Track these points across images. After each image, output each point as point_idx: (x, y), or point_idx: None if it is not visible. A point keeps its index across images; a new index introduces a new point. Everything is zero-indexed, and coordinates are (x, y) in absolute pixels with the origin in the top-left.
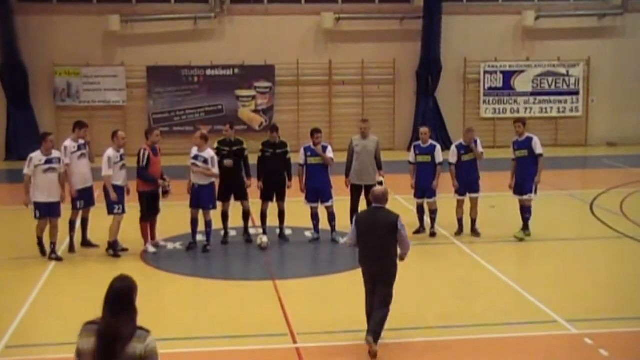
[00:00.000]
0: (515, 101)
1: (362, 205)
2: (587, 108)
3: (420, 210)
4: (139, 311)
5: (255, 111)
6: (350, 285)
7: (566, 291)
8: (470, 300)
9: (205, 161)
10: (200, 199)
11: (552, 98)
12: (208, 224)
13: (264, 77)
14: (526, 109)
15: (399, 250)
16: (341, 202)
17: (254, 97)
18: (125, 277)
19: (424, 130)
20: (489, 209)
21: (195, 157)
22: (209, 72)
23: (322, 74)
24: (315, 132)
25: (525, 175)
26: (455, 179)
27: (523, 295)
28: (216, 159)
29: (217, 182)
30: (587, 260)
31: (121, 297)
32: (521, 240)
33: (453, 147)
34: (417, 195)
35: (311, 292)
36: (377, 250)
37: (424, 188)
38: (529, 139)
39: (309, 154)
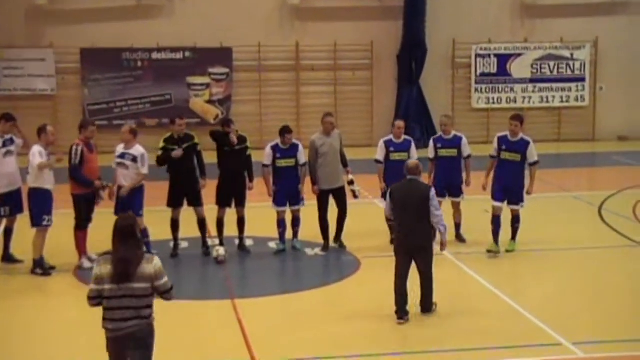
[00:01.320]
0: (512, 89)
1: (333, 213)
2: (595, 97)
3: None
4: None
5: (210, 102)
6: (319, 305)
7: (571, 309)
8: (463, 321)
9: (134, 159)
10: (130, 203)
11: (555, 85)
12: (144, 233)
13: (220, 62)
14: (524, 98)
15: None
16: (312, 207)
17: (208, 86)
18: (127, 216)
19: (399, 124)
20: (481, 214)
21: (122, 156)
22: (155, 55)
23: (288, 58)
24: (285, 132)
25: (515, 182)
26: (432, 177)
27: (521, 314)
28: (147, 157)
29: (162, 184)
30: (594, 272)
31: (126, 231)
32: (512, 251)
33: (430, 141)
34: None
35: (276, 312)
36: (413, 223)
37: None
38: (525, 143)
39: (278, 155)
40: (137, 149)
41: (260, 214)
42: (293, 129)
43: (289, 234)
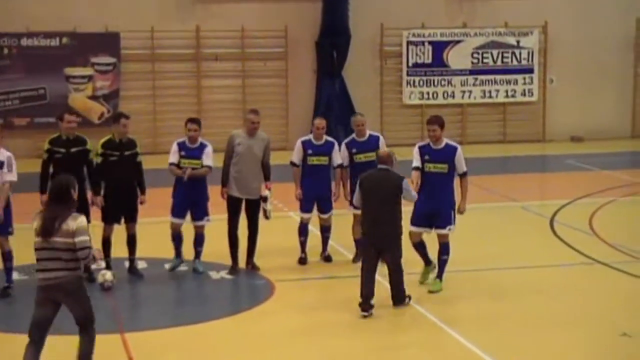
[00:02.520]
0: (450, 82)
1: (244, 224)
2: (545, 91)
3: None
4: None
5: (94, 97)
6: (225, 338)
7: (514, 338)
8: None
9: (1, 165)
10: None
11: (498, 77)
12: (7, 256)
13: (105, 49)
14: (464, 92)
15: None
16: (218, 222)
17: (90, 78)
18: (64, 176)
19: (318, 122)
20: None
21: None
22: (25, 42)
23: (187, 45)
24: (191, 121)
25: (441, 200)
26: (345, 185)
27: (457, 342)
28: (14, 161)
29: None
30: (543, 295)
31: (58, 191)
32: (437, 291)
33: (342, 145)
34: (304, 209)
35: (173, 348)
36: (381, 214)
37: (318, 198)
38: (451, 149)
39: (183, 153)
40: (3, 153)
41: (154, 231)
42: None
43: (189, 253)
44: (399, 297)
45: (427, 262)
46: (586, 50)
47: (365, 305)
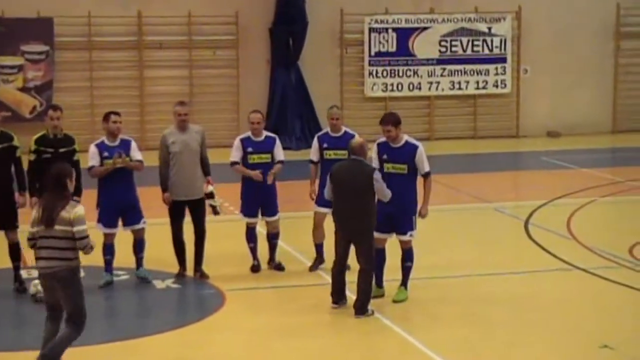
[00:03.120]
0: (416, 73)
1: (190, 230)
2: (519, 82)
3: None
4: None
5: (25, 89)
6: (171, 354)
7: (486, 354)
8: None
9: None
10: None
11: (468, 68)
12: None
13: (37, 37)
14: (431, 84)
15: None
16: (160, 226)
17: (21, 68)
18: (60, 166)
19: (253, 117)
20: None
21: None
22: None
23: (128, 32)
24: (110, 114)
25: (401, 203)
26: (314, 183)
27: (425, 354)
28: None
29: None
30: (518, 304)
31: (55, 179)
32: (402, 301)
33: (315, 139)
34: (247, 213)
35: None
36: (353, 207)
37: (262, 200)
38: (411, 148)
39: (105, 153)
40: None
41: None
42: (135, 125)
43: (128, 262)
44: (362, 306)
45: (379, 282)
46: (563, 38)
47: (336, 297)
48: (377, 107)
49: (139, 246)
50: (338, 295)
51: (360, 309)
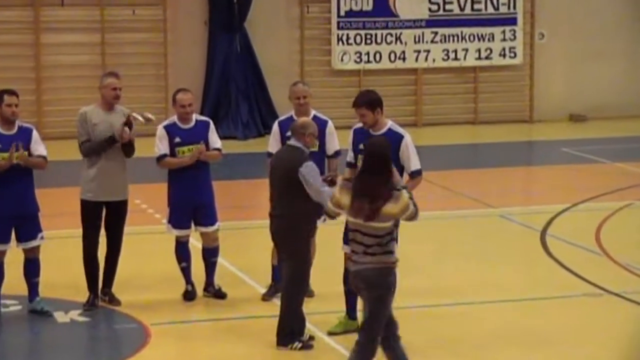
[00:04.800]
0: (399, 38)
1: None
2: (533, 51)
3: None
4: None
5: None
6: None
7: None
8: None
9: None
10: None
11: (467, 32)
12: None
13: None
14: (418, 53)
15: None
16: (61, 240)
17: None
18: (380, 142)
19: (182, 97)
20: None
21: None
22: None
23: None
24: (4, 94)
25: None
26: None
27: None
28: None
29: None
30: (534, 345)
31: (376, 157)
32: (340, 333)
33: (275, 126)
34: (177, 224)
35: None
36: (276, 202)
37: (196, 205)
38: (395, 138)
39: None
40: None
41: None
42: (30, 106)
43: (19, 288)
44: (282, 334)
45: (352, 313)
46: None
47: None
48: (349, 83)
49: (32, 268)
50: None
51: (282, 338)
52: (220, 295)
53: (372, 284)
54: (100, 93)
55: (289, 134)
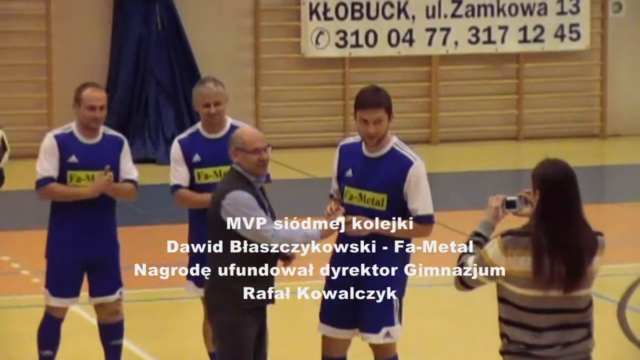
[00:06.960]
0: (403, 10)
1: None
2: (605, 30)
3: None
4: None
5: None
6: None
7: None
8: None
9: None
10: None
11: (507, 3)
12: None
13: None
14: (433, 32)
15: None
16: None
17: None
18: (561, 164)
19: (92, 95)
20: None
21: None
22: None
23: None
24: None
25: (370, 270)
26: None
27: None
28: None
29: None
30: None
31: (564, 187)
32: None
33: (175, 146)
34: (56, 290)
35: None
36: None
37: (89, 262)
38: (402, 163)
39: None
40: None
41: None
42: None
43: None
44: None
45: None
46: None
47: None
48: (327, 78)
49: None
50: None
51: None
52: None
53: None
54: None
55: (196, 158)
